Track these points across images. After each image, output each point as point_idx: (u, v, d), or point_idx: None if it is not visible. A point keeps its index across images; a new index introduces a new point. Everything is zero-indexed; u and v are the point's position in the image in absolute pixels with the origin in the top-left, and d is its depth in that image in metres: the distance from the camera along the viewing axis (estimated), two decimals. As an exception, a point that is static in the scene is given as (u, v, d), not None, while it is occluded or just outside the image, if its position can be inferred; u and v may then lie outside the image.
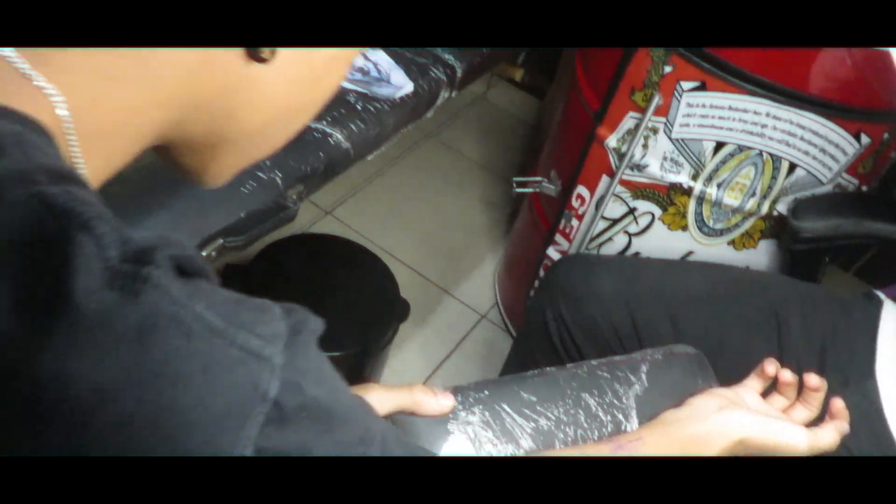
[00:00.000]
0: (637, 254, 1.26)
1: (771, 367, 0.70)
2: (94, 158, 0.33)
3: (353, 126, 0.92)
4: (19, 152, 0.28)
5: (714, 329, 0.92)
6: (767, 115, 1.03)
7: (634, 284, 0.97)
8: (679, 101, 1.07)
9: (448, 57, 1.07)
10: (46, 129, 0.30)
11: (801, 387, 0.69)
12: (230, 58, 0.35)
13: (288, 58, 0.37)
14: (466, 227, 1.81)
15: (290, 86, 0.38)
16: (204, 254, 0.77)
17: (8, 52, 0.30)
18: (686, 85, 1.05)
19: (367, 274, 1.23)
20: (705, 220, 1.17)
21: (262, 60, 0.35)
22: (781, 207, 1.13)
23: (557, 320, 0.98)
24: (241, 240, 0.80)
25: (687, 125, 1.08)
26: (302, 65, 0.38)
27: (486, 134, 2.06)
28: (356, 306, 1.18)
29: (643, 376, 0.62)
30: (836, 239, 1.07)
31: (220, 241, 0.78)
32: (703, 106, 1.06)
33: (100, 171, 0.35)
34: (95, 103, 0.32)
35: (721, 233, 1.19)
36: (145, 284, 0.26)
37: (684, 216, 1.18)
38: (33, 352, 0.24)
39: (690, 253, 1.22)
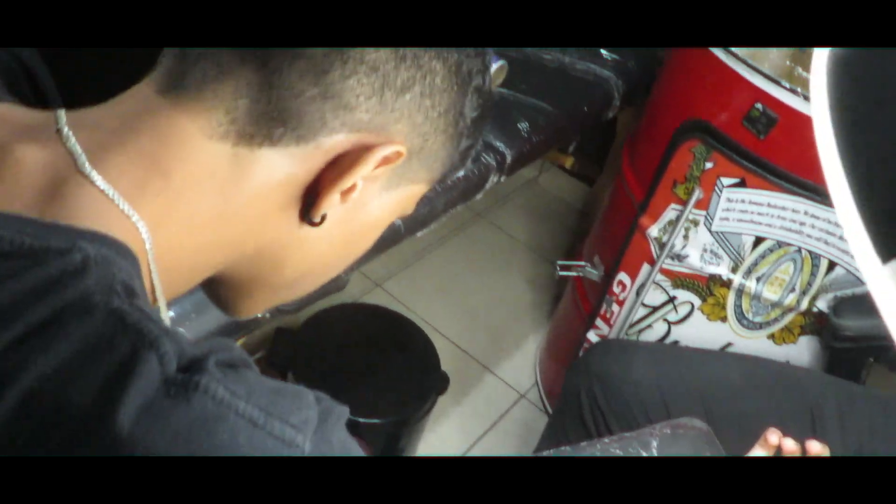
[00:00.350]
0: (676, 342, 1.27)
1: (774, 436, 0.72)
2: (164, 284, 0.40)
3: (404, 205, 0.99)
4: (103, 270, 0.33)
5: (747, 422, 0.93)
6: (806, 213, 1.06)
7: (669, 372, 0.99)
8: (719, 196, 1.11)
9: (498, 144, 1.14)
10: (135, 255, 0.37)
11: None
12: (288, 218, 0.41)
13: (333, 223, 0.43)
14: (511, 307, 1.85)
15: (330, 246, 0.45)
16: (258, 315, 0.83)
17: (111, 191, 0.36)
18: (726, 181, 1.09)
19: (410, 345, 1.27)
20: (744, 312, 1.19)
21: (313, 224, 0.42)
22: (822, 304, 1.14)
23: (591, 402, 1.01)
24: (294, 304, 0.86)
25: (727, 219, 1.12)
26: (344, 228, 0.44)
27: (536, 217, 2.12)
28: (397, 375, 1.22)
29: (654, 451, 0.64)
30: (877, 339, 1.07)
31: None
32: (743, 202, 1.09)
33: (168, 295, 0.41)
34: (172, 243, 0.38)
35: (760, 326, 1.20)
36: (196, 391, 0.31)
37: (723, 307, 1.20)
38: (103, 434, 0.29)
39: (729, 344, 1.23)
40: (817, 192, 1.04)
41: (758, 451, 0.72)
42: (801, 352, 1.22)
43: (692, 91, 1.15)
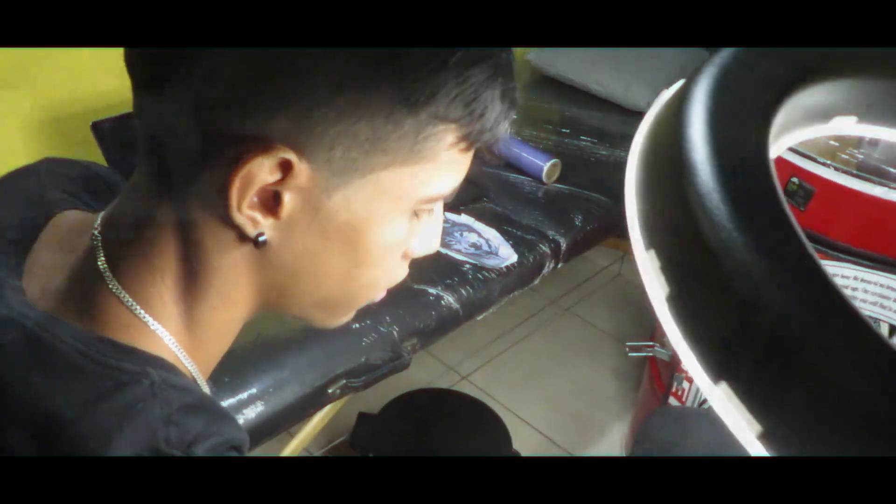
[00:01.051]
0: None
1: None
2: (199, 361, 0.46)
3: (463, 291, 1.10)
4: (164, 395, 0.40)
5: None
6: (856, 278, 1.08)
7: (725, 437, 1.00)
8: (769, 268, 1.14)
9: (551, 233, 1.24)
10: (169, 362, 0.42)
11: None
12: (246, 249, 0.42)
13: (293, 235, 0.42)
14: (596, 396, 1.88)
15: (312, 258, 0.43)
16: (329, 391, 0.94)
17: (130, 302, 0.42)
18: (774, 253, 1.14)
19: (483, 425, 1.34)
20: (812, 382, 1.19)
21: (258, 244, 0.41)
22: (892, 371, 1.13)
23: (652, 472, 1.03)
24: (361, 381, 0.97)
25: (780, 290, 1.15)
26: (314, 237, 0.42)
27: (620, 307, 2.16)
28: (471, 454, 1.29)
29: None
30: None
31: (343, 381, 0.95)
32: (793, 271, 1.13)
33: (207, 365, 0.47)
34: (190, 326, 0.44)
35: (832, 396, 1.19)
36: None
37: (791, 379, 1.20)
38: None
39: (803, 417, 1.22)
40: (865, 257, 1.07)
41: None
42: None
43: (735, 172, 1.22)
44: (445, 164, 0.43)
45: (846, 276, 1.08)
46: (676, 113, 0.31)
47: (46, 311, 0.42)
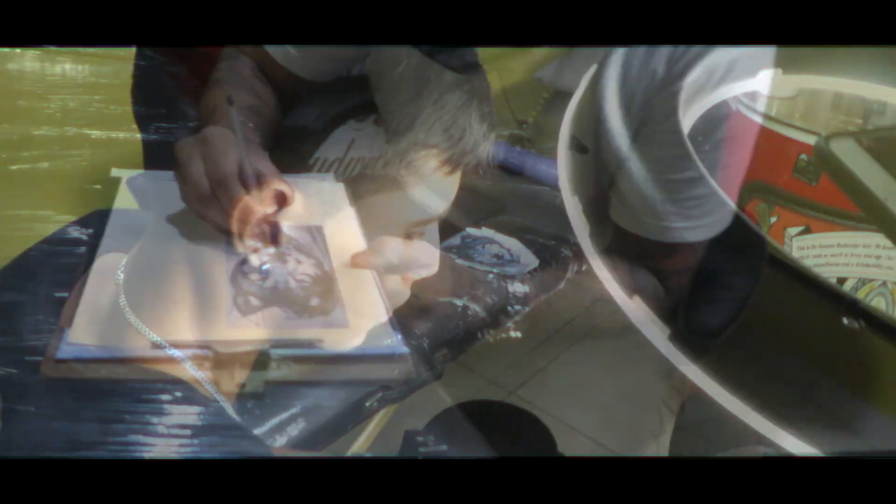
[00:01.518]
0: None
1: None
2: (219, 384, 0.49)
3: (488, 299, 1.13)
4: (184, 417, 0.44)
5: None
6: (878, 246, 1.08)
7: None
8: (791, 247, 1.15)
9: (571, 237, 1.27)
10: (189, 384, 0.47)
11: None
12: (256, 277, 0.47)
13: (284, 263, 0.47)
14: (647, 399, 1.87)
15: (315, 284, 0.47)
16: (367, 404, 0.98)
17: (157, 338, 0.47)
18: (792, 230, 1.14)
19: (527, 433, 1.36)
20: (850, 356, 1.18)
21: (262, 273, 0.46)
22: (929, 335, 1.12)
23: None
24: (396, 393, 1.01)
25: (803, 267, 1.15)
26: (307, 264, 0.47)
27: (662, 310, 2.15)
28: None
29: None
30: None
31: (380, 394, 0.99)
32: (814, 247, 1.13)
33: (229, 387, 0.51)
34: (207, 355, 0.49)
35: (872, 368, 1.18)
36: None
37: (828, 355, 1.19)
38: None
39: (847, 392, 1.21)
40: (882, 223, 1.07)
41: None
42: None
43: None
44: (432, 187, 0.46)
45: (868, 245, 1.08)
46: (594, 79, 0.36)
47: (80, 345, 0.47)
